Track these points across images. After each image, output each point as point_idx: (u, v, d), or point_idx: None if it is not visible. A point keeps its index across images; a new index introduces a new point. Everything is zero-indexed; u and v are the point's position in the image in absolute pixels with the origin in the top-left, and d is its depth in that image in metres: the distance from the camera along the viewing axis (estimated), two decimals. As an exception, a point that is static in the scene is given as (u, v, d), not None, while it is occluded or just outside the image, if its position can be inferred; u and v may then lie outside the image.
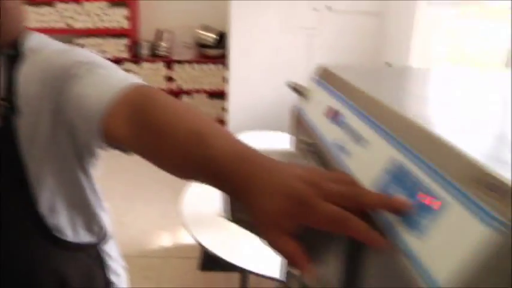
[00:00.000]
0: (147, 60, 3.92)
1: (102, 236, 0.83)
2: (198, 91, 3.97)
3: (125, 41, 3.85)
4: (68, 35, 3.64)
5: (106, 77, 0.62)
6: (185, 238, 2.38)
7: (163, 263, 2.32)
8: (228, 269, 1.55)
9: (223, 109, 3.64)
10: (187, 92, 3.97)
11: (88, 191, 0.77)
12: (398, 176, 0.43)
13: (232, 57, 3.06)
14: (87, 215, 0.78)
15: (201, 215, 1.69)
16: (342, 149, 0.58)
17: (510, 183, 0.31)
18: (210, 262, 2.23)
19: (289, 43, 2.97)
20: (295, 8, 2.92)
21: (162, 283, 2.16)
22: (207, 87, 3.95)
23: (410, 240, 0.37)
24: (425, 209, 0.37)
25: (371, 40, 2.93)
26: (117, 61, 3.86)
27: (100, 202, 0.83)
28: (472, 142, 0.41)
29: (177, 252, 2.44)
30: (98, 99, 0.58)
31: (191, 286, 2.14)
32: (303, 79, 0.88)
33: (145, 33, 4.02)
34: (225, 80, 3.46)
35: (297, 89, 0.82)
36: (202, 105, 4.01)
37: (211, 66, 3.90)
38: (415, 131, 0.45)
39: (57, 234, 0.73)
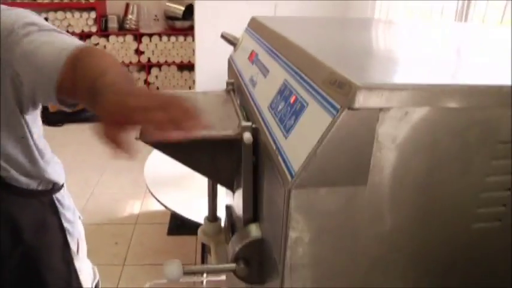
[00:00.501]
0: (115, 34, 3.87)
1: (52, 184, 0.87)
2: (167, 63, 3.95)
3: (92, 15, 3.78)
4: (34, 8, 3.55)
5: (57, 37, 0.71)
6: (155, 205, 2.44)
7: (133, 230, 2.37)
8: (194, 231, 1.62)
9: (194, 82, 3.65)
10: (157, 65, 3.95)
11: (32, 141, 0.81)
12: (284, 91, 0.49)
13: (197, 28, 3.05)
14: (35, 163, 0.83)
15: (164, 178, 1.74)
16: (252, 82, 0.63)
17: (351, 79, 0.37)
18: (177, 226, 2.29)
19: (256, 12, 2.98)
20: (261, -23, 2.92)
21: (132, 248, 2.22)
22: (177, 59, 3.93)
23: (281, 140, 0.43)
24: (293, 112, 0.43)
25: (335, 4, 2.97)
26: (85, 35, 3.80)
27: (47, 153, 0.87)
28: (343, 60, 0.47)
29: (147, 218, 2.49)
30: (55, 57, 0.66)
31: (159, 249, 2.21)
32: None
33: (113, 6, 3.95)
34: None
35: (230, 40, 0.87)
36: (173, 78, 4.00)
37: (181, 39, 3.88)
38: (302, 56, 0.50)
39: (9, 181, 0.78)
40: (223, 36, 0.86)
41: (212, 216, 0.72)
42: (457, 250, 0.44)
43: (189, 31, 3.75)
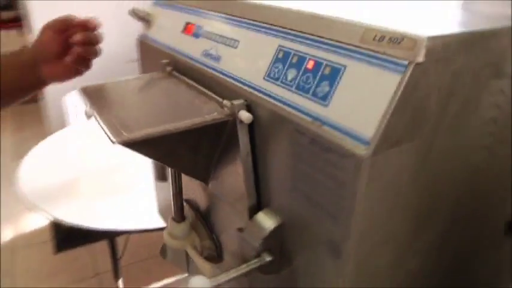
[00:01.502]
0: None
1: None
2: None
3: None
4: None
5: None
6: (31, 224, 2.08)
7: (11, 258, 1.98)
8: (92, 239, 1.42)
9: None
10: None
11: None
12: (286, 57, 0.44)
13: (33, 19, 2.58)
14: None
15: (44, 190, 1.47)
16: (211, 57, 0.56)
17: (408, 33, 0.35)
18: (64, 241, 1.99)
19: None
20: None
21: (18, 279, 1.86)
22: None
23: (318, 109, 0.39)
24: (321, 77, 0.39)
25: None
26: None
27: None
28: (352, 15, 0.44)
29: (25, 241, 2.11)
30: None
31: (50, 272, 1.90)
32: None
33: None
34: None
35: (143, 17, 0.75)
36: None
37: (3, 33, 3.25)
38: (298, 17, 0.46)
39: None
40: (135, 13, 0.74)
41: (179, 216, 0.63)
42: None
43: (14, 23, 3.16)
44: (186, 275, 0.78)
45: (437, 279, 0.53)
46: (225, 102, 0.49)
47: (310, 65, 0.42)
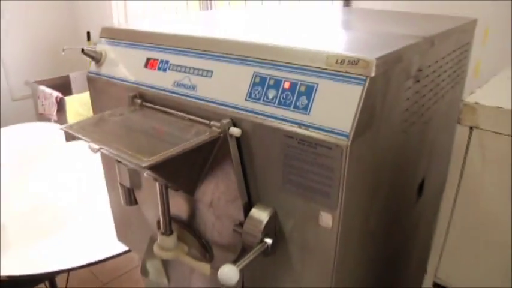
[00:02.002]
0: None
1: None
2: None
3: None
4: None
5: None
6: None
7: None
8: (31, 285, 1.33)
9: None
10: None
11: None
12: (264, 81, 0.57)
13: None
14: None
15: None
16: (186, 86, 0.65)
17: (361, 56, 0.50)
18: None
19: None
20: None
21: None
22: None
23: (301, 117, 0.53)
24: (298, 93, 0.53)
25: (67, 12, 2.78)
26: None
27: None
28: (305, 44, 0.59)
29: None
30: None
31: None
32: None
33: None
34: None
35: (93, 55, 0.80)
36: None
37: None
38: (270, 49, 0.58)
39: None
40: (85, 53, 0.79)
41: (169, 230, 0.70)
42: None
43: None
44: None
45: (384, 236, 0.71)
46: (213, 122, 0.59)
47: (286, 85, 0.55)
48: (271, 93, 0.56)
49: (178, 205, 0.73)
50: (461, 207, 0.61)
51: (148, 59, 0.72)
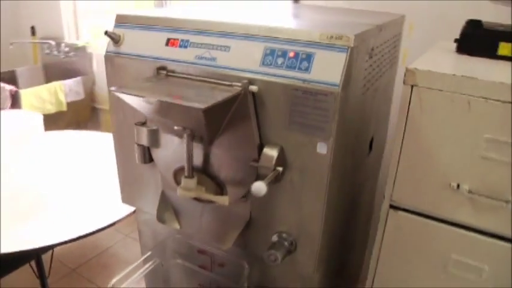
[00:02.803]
0: None
1: None
2: None
3: None
4: None
5: None
6: None
7: None
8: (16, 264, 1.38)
9: None
10: None
11: None
12: (273, 53, 0.79)
13: None
14: None
15: None
16: (207, 59, 0.85)
17: (343, 33, 0.74)
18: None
19: None
20: None
21: None
22: None
23: (304, 76, 0.76)
24: (301, 60, 0.76)
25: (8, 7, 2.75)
26: None
27: None
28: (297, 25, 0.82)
29: None
30: None
31: None
32: None
33: None
34: None
35: (112, 36, 0.96)
36: None
37: None
38: (276, 29, 0.81)
39: None
40: (109, 34, 0.95)
41: (192, 173, 0.89)
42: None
43: None
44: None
45: (351, 174, 0.97)
46: (235, 83, 0.80)
47: (291, 54, 0.78)
48: (280, 61, 0.78)
49: (196, 155, 0.92)
50: (407, 144, 0.88)
51: (168, 39, 0.91)
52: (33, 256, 1.49)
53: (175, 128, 0.85)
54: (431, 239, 0.91)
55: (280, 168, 0.82)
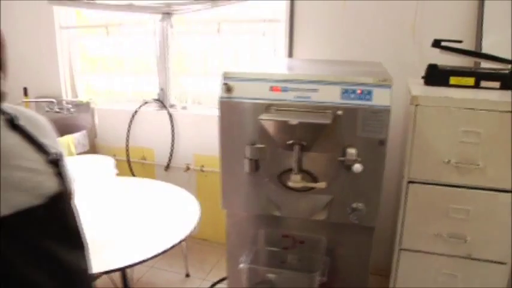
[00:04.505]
0: None
1: None
2: None
3: None
4: None
5: None
6: None
7: None
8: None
9: None
10: None
11: None
12: (348, 91, 1.36)
13: None
14: None
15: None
16: (303, 98, 1.40)
17: (388, 77, 1.35)
18: None
19: None
20: None
21: None
22: None
23: (368, 102, 1.34)
24: (366, 93, 1.35)
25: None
26: None
27: None
28: (354, 72, 1.41)
29: None
30: None
31: None
32: None
33: None
34: None
35: (228, 86, 1.46)
36: None
37: None
38: (350, 78, 1.39)
39: None
40: (227, 86, 1.44)
41: (300, 171, 1.40)
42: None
43: None
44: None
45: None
46: (327, 111, 1.36)
47: (359, 91, 1.36)
48: (352, 95, 1.36)
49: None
50: (416, 141, 1.50)
51: (271, 86, 1.44)
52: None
53: (288, 142, 1.37)
54: (436, 197, 1.52)
55: (359, 159, 1.37)
